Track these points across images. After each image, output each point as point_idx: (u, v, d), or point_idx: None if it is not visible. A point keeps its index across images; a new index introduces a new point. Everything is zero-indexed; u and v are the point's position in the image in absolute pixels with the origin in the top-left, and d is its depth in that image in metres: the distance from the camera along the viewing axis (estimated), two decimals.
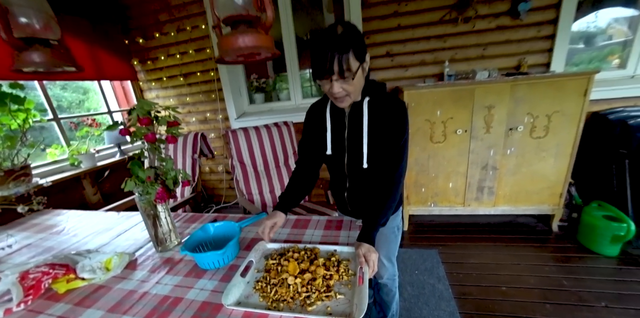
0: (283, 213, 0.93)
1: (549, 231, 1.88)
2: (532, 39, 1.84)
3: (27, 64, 0.62)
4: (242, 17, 0.56)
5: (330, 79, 0.72)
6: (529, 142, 1.71)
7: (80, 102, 2.47)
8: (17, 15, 0.58)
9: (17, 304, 0.76)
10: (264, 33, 0.57)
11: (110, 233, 1.20)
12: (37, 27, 0.61)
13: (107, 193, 2.29)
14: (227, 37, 0.56)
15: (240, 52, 0.56)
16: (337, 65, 0.68)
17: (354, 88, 0.75)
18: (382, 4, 1.92)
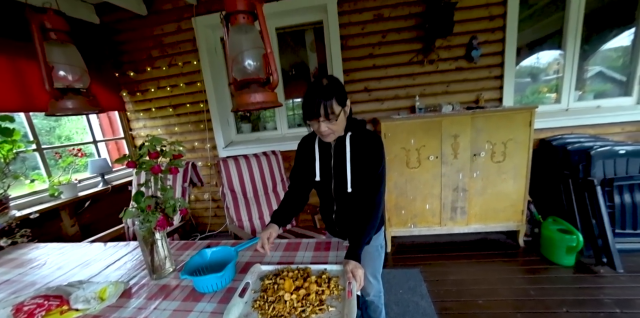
0: (276, 225, 1.03)
1: (516, 246, 2.06)
2: (485, 79, 2.18)
3: (61, 110, 0.72)
4: (253, 80, 0.72)
5: (318, 121, 0.89)
6: (491, 166, 1.95)
7: (51, 129, 2.39)
8: (58, 70, 0.70)
9: None
10: (271, 91, 0.73)
11: (99, 264, 1.19)
12: (71, 79, 0.73)
13: (85, 225, 2.22)
14: (242, 94, 0.71)
15: (252, 106, 0.71)
16: (323, 109, 0.86)
17: (337, 127, 0.93)
18: (359, 47, 2.22)
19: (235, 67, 0.70)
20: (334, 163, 1.02)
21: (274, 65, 0.73)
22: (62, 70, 0.71)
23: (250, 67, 0.69)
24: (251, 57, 0.71)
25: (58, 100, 0.72)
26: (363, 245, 0.93)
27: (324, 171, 1.04)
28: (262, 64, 0.72)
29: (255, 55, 0.71)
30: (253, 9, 0.69)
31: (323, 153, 1.04)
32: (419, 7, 2.09)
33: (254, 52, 0.71)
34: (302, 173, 1.10)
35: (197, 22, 2.33)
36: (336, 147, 1.01)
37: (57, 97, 0.71)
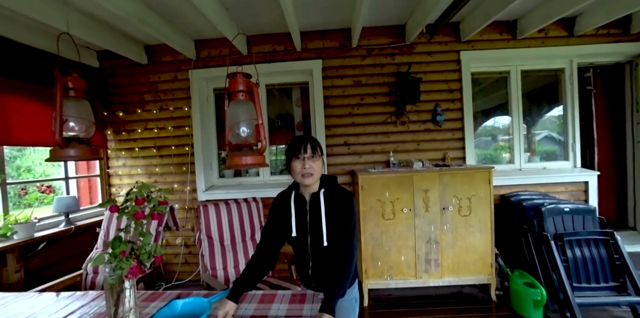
0: (233, 302, 1.00)
1: (489, 300, 2.08)
2: (449, 139, 2.51)
3: (64, 158, 0.78)
4: (245, 144, 0.86)
5: (304, 158, 1.02)
6: (459, 219, 2.10)
7: (11, 158, 2.26)
8: (69, 122, 0.78)
9: None
10: (259, 154, 0.86)
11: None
12: (78, 130, 0.81)
13: (32, 270, 1.98)
14: (235, 156, 0.84)
15: (242, 166, 0.83)
16: (310, 148, 1.03)
17: (316, 167, 1.05)
18: (340, 106, 2.53)
19: (231, 133, 0.84)
20: (310, 219, 1.08)
21: (264, 133, 0.88)
22: (72, 122, 0.79)
23: (244, 134, 0.83)
24: (245, 126, 0.85)
25: (63, 148, 0.78)
26: (337, 298, 0.95)
27: (300, 227, 1.09)
28: (254, 132, 0.86)
29: (249, 125, 0.86)
30: (250, 90, 0.87)
31: (299, 209, 1.11)
32: (392, 78, 2.49)
33: (248, 122, 0.86)
34: (276, 229, 1.14)
35: (194, 74, 2.57)
36: (311, 202, 1.10)
37: (62, 145, 0.78)
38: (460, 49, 2.47)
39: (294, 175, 1.07)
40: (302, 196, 1.11)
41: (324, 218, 1.05)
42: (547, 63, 2.60)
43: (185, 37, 2.45)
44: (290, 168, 1.07)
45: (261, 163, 0.85)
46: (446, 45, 2.49)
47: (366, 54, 2.51)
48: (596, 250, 1.94)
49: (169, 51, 2.53)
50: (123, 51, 2.35)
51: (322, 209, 1.05)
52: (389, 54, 2.50)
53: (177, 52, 2.48)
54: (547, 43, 2.47)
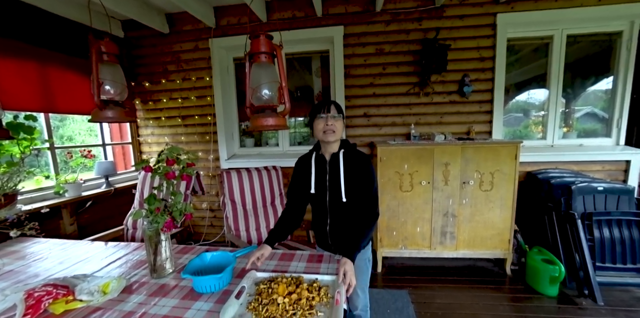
0: (269, 247, 1.14)
1: (503, 274, 2.10)
2: (476, 112, 2.37)
3: (102, 118, 0.85)
4: (268, 107, 0.87)
5: (327, 117, 1.09)
6: (479, 194, 2.06)
7: (55, 127, 2.47)
8: (105, 85, 0.84)
9: None
10: (282, 117, 0.88)
11: (100, 261, 1.25)
12: (113, 93, 0.87)
13: (83, 225, 2.26)
14: (258, 118, 0.86)
15: (265, 128, 0.85)
16: (334, 108, 1.11)
17: (338, 127, 1.11)
18: (361, 76, 2.43)
19: (254, 95, 0.85)
20: (329, 177, 1.15)
21: (287, 96, 0.88)
22: (108, 86, 0.85)
23: (266, 96, 0.84)
24: (268, 88, 0.86)
25: (102, 110, 0.84)
26: (360, 248, 1.04)
27: (319, 184, 1.17)
28: (276, 95, 0.87)
29: (271, 87, 0.86)
30: (273, 51, 0.85)
31: (319, 168, 1.18)
32: (417, 46, 2.32)
33: (271, 84, 0.86)
34: (299, 188, 1.23)
35: (214, 43, 2.55)
36: (331, 162, 1.16)
37: (101, 107, 0.84)
38: (497, 12, 2.22)
39: (317, 134, 1.13)
40: (322, 156, 1.18)
41: (343, 176, 1.11)
42: (601, 25, 2.28)
43: (204, 3, 2.39)
44: (312, 128, 1.14)
45: (283, 125, 0.87)
46: (481, 7, 2.24)
47: (391, 19, 2.33)
48: (628, 231, 1.86)
49: (189, 20, 2.51)
50: (146, 20, 2.36)
51: (340, 167, 1.11)
52: (416, 19, 2.30)
53: (197, 21, 2.46)
54: (604, 1, 2.15)
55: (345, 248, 1.04)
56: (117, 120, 0.91)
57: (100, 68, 0.85)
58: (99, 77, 0.83)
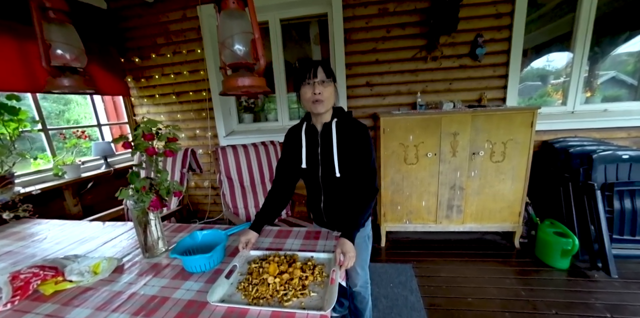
0: (255, 232, 1.05)
1: (511, 247, 2.05)
2: (489, 77, 2.15)
3: (57, 87, 0.74)
4: (241, 64, 0.74)
5: (313, 83, 0.93)
6: (490, 166, 1.93)
7: (60, 112, 2.47)
8: (55, 48, 0.72)
9: (4, 304, 0.79)
10: (258, 76, 0.75)
11: (96, 241, 1.23)
12: (68, 58, 0.75)
13: (87, 205, 2.28)
14: (230, 78, 0.73)
15: (239, 90, 0.73)
16: (322, 72, 0.93)
17: (328, 94, 0.96)
18: (363, 41, 2.20)
19: (224, 51, 0.72)
20: (321, 150, 1.03)
21: (262, 50, 0.74)
22: (59, 49, 0.73)
23: (239, 52, 0.71)
24: (240, 41, 0.72)
25: (55, 78, 0.74)
26: (359, 227, 0.96)
27: (310, 158, 1.06)
28: (250, 50, 0.73)
29: (243, 40, 0.72)
30: None
31: (310, 140, 1.06)
32: (424, 3, 2.06)
33: (243, 36, 0.72)
34: (289, 163, 1.12)
35: (202, 10, 2.33)
36: (322, 133, 1.03)
37: (54, 74, 0.73)
38: None
39: (304, 104, 0.99)
40: (313, 127, 1.05)
41: (336, 148, 0.99)
42: None
43: None
44: (299, 97, 0.99)
45: (260, 85, 0.75)
46: None
47: None
48: None
49: None
50: None
51: (333, 139, 0.99)
52: None
53: None
54: None
55: (343, 228, 0.96)
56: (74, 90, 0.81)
57: (47, 28, 0.73)
58: (44, 37, 0.70)
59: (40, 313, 0.77)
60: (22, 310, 0.79)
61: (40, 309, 0.79)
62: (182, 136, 2.72)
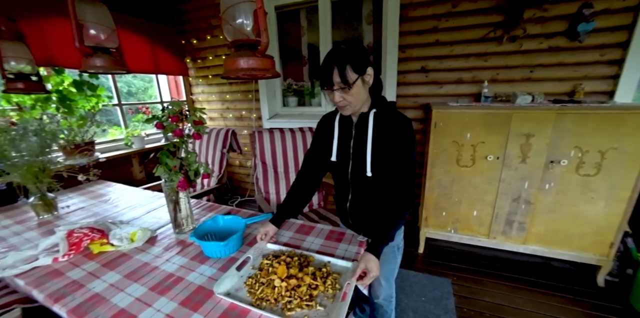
0: (274, 226, 1.00)
1: (591, 284, 1.63)
2: (592, 63, 1.65)
3: (91, 67, 0.77)
4: (244, 42, 0.64)
5: (332, 89, 0.80)
6: (574, 179, 1.53)
7: (145, 88, 2.83)
8: (88, 28, 0.72)
9: (62, 255, 0.94)
10: (260, 56, 0.64)
11: (143, 209, 1.36)
12: (101, 38, 0.76)
13: (150, 173, 2.57)
14: (228, 59, 0.64)
15: (239, 72, 0.63)
16: (337, 76, 0.77)
17: (352, 98, 0.81)
18: (421, 19, 1.88)
19: (225, 26, 0.62)
20: (354, 143, 0.91)
21: (264, 24, 0.61)
22: (92, 29, 0.74)
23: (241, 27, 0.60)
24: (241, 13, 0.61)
25: (88, 58, 0.75)
26: (389, 241, 0.85)
27: (341, 151, 0.94)
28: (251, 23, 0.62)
29: (245, 12, 0.61)
30: None
31: (343, 131, 0.93)
32: None
33: (245, 6, 0.60)
34: (318, 153, 1.02)
35: None
36: (358, 125, 0.90)
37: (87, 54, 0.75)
38: None
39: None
40: (349, 116, 0.92)
41: (370, 144, 0.85)
42: None
43: None
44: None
45: (264, 68, 0.64)
46: None
47: None
48: None
49: None
50: None
51: (369, 132, 0.85)
52: None
53: None
54: None
55: (371, 240, 0.86)
56: (107, 70, 0.82)
57: (79, 6, 0.73)
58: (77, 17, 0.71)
59: (85, 269, 0.90)
60: (74, 264, 0.92)
61: (86, 266, 0.91)
62: (229, 116, 2.82)
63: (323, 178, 1.08)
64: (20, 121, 1.35)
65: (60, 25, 1.81)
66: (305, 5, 2.35)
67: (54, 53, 1.76)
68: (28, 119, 1.47)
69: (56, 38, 1.78)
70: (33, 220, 1.25)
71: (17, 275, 0.87)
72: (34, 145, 1.21)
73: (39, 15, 1.72)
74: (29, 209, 1.33)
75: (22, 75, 1.22)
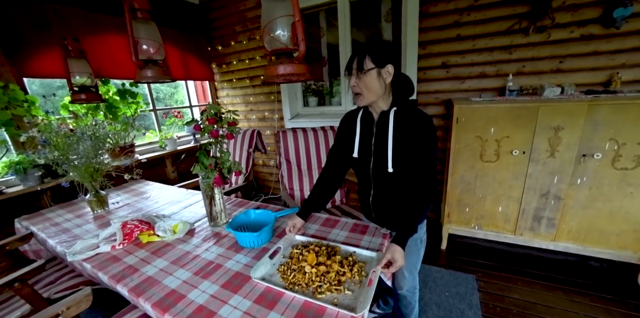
0: (300, 218, 1.08)
1: (631, 284, 1.55)
2: (631, 50, 1.55)
3: (144, 77, 0.88)
4: (283, 50, 0.71)
5: (350, 74, 0.89)
6: (610, 173, 1.46)
7: (172, 94, 3.03)
8: (141, 44, 0.84)
9: (118, 244, 1.07)
10: (297, 63, 0.71)
11: (180, 205, 1.50)
12: (152, 52, 0.87)
13: (181, 173, 2.76)
14: (269, 66, 0.72)
15: (279, 78, 0.71)
16: (356, 63, 0.86)
17: (364, 86, 0.87)
18: (442, 14, 1.86)
19: (266, 37, 0.70)
20: (375, 140, 0.95)
21: (302, 34, 0.69)
22: (144, 44, 0.85)
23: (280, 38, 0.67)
24: (281, 26, 0.69)
25: (141, 70, 0.86)
26: (413, 233, 0.90)
27: (363, 148, 0.99)
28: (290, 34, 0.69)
29: (285, 24, 0.69)
30: None
31: (365, 128, 0.99)
32: None
33: (284, 20, 0.68)
34: (341, 150, 1.07)
35: None
36: (379, 122, 0.95)
37: (140, 67, 0.86)
38: None
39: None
40: (370, 114, 0.98)
41: (391, 141, 0.90)
42: None
43: None
44: None
45: (302, 73, 0.71)
46: None
47: None
48: None
49: None
50: None
51: (389, 130, 0.90)
52: None
53: None
54: None
55: (396, 232, 0.90)
56: (156, 80, 0.93)
57: (135, 26, 0.85)
58: (133, 35, 0.82)
59: (138, 256, 1.02)
60: (128, 251, 1.05)
61: (138, 253, 1.04)
62: (253, 117, 2.95)
63: (346, 174, 1.14)
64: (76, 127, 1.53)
65: (106, 41, 2.02)
66: (324, 7, 2.40)
67: (101, 65, 1.96)
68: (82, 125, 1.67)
69: (102, 52, 1.98)
70: (89, 215, 1.42)
71: (84, 259, 1.01)
72: (89, 148, 1.37)
73: (92, 33, 1.94)
74: (85, 205, 1.51)
75: (84, 88, 1.40)
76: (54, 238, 1.19)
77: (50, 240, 1.18)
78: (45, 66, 1.70)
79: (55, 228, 1.29)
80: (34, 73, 1.70)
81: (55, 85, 2.09)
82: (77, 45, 1.32)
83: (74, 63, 1.32)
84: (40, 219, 1.40)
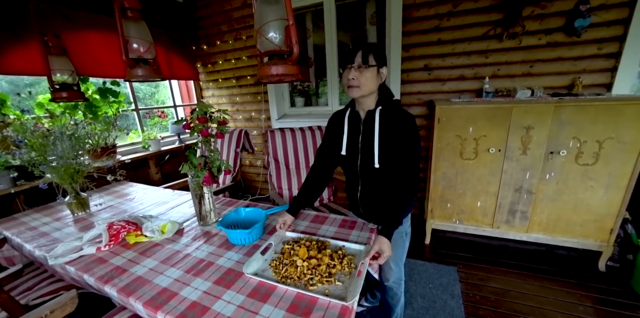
0: (291, 216, 1.10)
1: (593, 269, 1.70)
2: (590, 57, 1.72)
3: (134, 76, 0.88)
4: (275, 52, 0.74)
5: (350, 67, 0.91)
6: (574, 169, 1.60)
7: (152, 94, 2.95)
8: (132, 43, 0.84)
9: (104, 245, 1.05)
10: (291, 64, 0.74)
11: (166, 205, 1.47)
12: (142, 51, 0.87)
13: (165, 174, 2.70)
14: (264, 67, 0.75)
15: (273, 78, 0.74)
16: (360, 57, 0.90)
17: (364, 79, 0.91)
18: (424, 19, 1.96)
19: (259, 39, 0.73)
20: (362, 138, 1.00)
21: (295, 37, 0.73)
22: (135, 43, 0.85)
23: (273, 40, 0.71)
24: (275, 28, 0.72)
25: (132, 69, 0.86)
26: (399, 225, 0.94)
27: (350, 145, 1.04)
28: (284, 36, 0.73)
29: (278, 27, 0.72)
30: None
31: (352, 127, 1.03)
32: None
33: (277, 23, 0.71)
34: (329, 148, 1.11)
35: None
36: (365, 121, 0.99)
37: (131, 66, 0.86)
38: None
39: (344, 88, 0.97)
40: (357, 113, 1.02)
41: (377, 138, 0.95)
42: None
43: None
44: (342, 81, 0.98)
45: (293, 73, 0.74)
46: None
47: None
48: None
49: None
50: None
51: (375, 128, 0.95)
52: None
53: None
54: None
55: (382, 225, 0.95)
56: (146, 78, 0.93)
57: (125, 25, 0.84)
58: (124, 34, 0.82)
59: (125, 257, 1.00)
60: (114, 253, 1.03)
61: (125, 254, 1.02)
62: (239, 117, 2.94)
63: (334, 172, 1.18)
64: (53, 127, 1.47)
65: (87, 39, 1.95)
66: (310, 8, 2.44)
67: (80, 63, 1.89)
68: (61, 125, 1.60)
69: (81, 50, 1.91)
70: (69, 218, 1.37)
71: (67, 262, 0.98)
72: (68, 148, 1.32)
73: (72, 30, 1.87)
74: (64, 208, 1.45)
75: (66, 86, 1.35)
76: (31, 242, 1.14)
77: (28, 245, 1.13)
78: (20, 63, 1.62)
79: (32, 232, 1.24)
80: (7, 70, 1.62)
81: (23, 83, 2.00)
82: (58, 42, 1.28)
83: (54, 60, 1.27)
84: (14, 223, 1.33)
